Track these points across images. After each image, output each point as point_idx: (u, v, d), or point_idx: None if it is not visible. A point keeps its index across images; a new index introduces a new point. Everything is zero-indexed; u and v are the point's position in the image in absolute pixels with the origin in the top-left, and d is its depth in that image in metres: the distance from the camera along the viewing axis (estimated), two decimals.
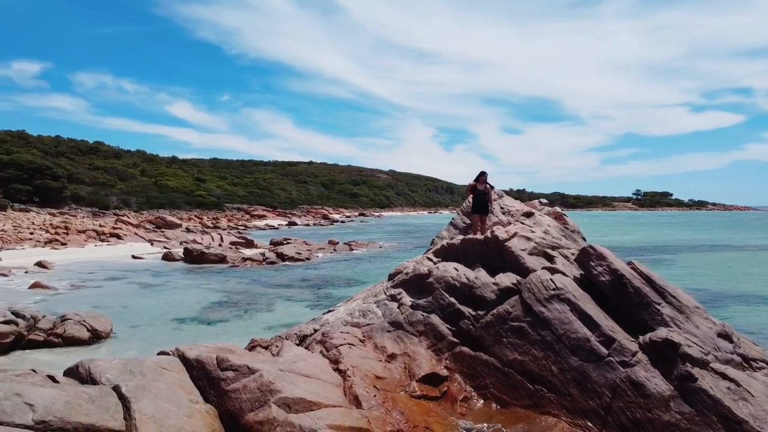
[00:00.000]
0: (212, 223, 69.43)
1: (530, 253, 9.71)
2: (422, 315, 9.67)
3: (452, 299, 9.52)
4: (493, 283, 9.28)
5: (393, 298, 10.63)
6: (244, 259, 29.36)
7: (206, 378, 7.14)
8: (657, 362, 7.22)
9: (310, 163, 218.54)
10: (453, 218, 12.91)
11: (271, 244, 38.82)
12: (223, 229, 62.62)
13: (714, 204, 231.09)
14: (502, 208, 12.37)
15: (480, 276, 9.54)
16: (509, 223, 11.18)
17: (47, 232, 43.24)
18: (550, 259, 9.74)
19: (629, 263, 8.48)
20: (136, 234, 40.85)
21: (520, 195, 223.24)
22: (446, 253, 10.86)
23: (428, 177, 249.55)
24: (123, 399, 5.81)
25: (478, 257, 10.20)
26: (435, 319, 9.50)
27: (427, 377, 8.55)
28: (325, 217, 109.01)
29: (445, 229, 12.76)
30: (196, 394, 6.72)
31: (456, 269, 10.03)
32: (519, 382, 8.14)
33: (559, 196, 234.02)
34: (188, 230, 54.58)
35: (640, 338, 7.55)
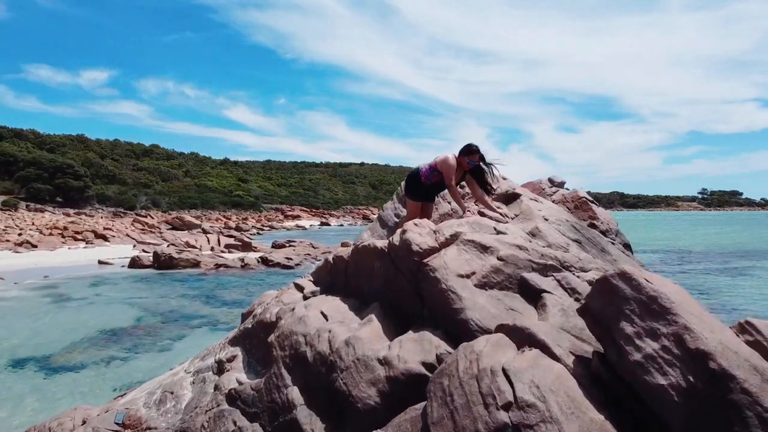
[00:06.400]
0: (236, 223, 65.44)
1: (486, 283, 4.08)
2: (235, 422, 4.23)
3: (293, 395, 4.03)
4: (381, 360, 3.73)
5: (219, 366, 5.22)
6: (218, 265, 24.47)
7: None
8: None
9: (362, 164, 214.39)
10: (382, 209, 7.33)
11: (272, 246, 33.97)
12: (246, 230, 58.77)
13: None
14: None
15: (360, 338, 3.99)
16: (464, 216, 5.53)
17: (41, 233, 39.89)
18: (535, 296, 4.10)
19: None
20: (127, 236, 36.75)
21: None
22: (332, 276, 5.36)
23: None
24: None
25: (379, 285, 4.66)
26: None
27: None
28: (365, 217, 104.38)
29: (368, 228, 7.22)
30: None
31: (323, 316, 4.53)
32: None
33: (619, 195, 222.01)
34: (204, 231, 50.49)
35: None
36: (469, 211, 5.13)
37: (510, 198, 5.80)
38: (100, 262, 26.83)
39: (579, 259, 4.63)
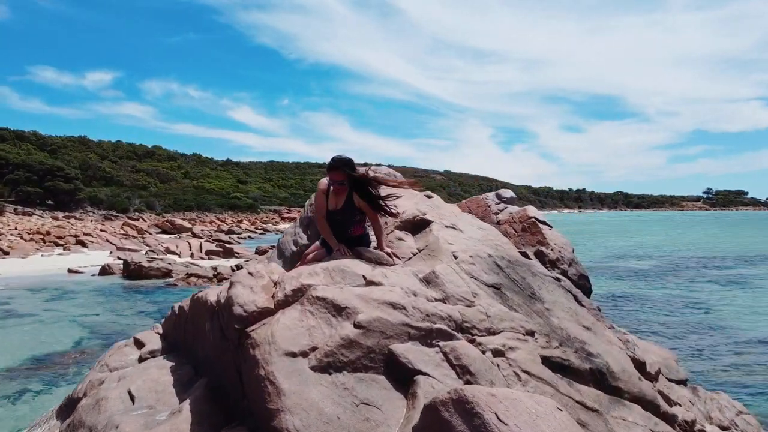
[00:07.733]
0: (229, 226, 64.27)
1: (332, 364, 2.83)
2: None
3: None
4: None
5: None
6: (189, 275, 23.24)
7: None
8: None
9: (365, 164, 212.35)
10: (282, 235, 6.08)
11: (256, 252, 32.80)
12: (238, 234, 57.83)
13: None
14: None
15: None
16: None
17: (22, 238, 38.83)
18: (407, 379, 2.85)
19: None
20: (107, 241, 35.60)
21: (580, 195, 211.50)
22: (176, 330, 4.13)
23: (484, 177, 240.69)
24: None
25: (210, 353, 3.42)
26: None
27: None
28: None
29: (267, 257, 6.00)
30: None
31: (130, 397, 3.29)
32: None
33: (623, 195, 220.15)
34: (194, 235, 49.36)
35: None
36: (339, 250, 3.81)
37: (418, 225, 4.54)
38: (70, 271, 25.66)
39: (486, 316, 3.38)
